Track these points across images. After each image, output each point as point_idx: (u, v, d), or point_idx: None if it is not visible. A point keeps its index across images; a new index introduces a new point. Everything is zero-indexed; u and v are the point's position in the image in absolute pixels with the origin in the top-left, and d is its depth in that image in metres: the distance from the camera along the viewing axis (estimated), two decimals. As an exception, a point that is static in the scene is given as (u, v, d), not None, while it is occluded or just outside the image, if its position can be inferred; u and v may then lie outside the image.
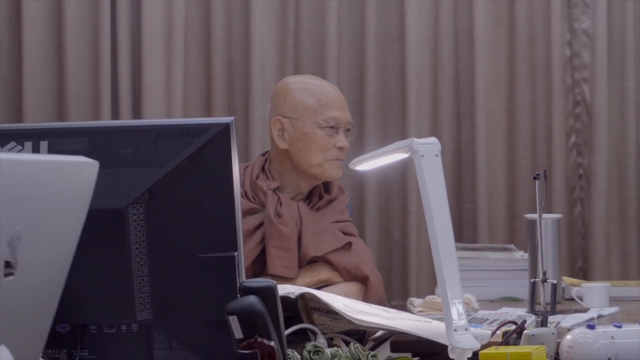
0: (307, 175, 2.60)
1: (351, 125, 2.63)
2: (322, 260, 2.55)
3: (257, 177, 2.61)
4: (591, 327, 1.73)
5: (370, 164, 2.21)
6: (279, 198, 2.56)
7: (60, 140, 1.48)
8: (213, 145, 1.49)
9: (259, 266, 2.54)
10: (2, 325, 1.04)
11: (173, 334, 1.53)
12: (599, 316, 2.13)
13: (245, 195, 2.56)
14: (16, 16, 3.37)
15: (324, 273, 2.53)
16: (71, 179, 1.21)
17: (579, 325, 1.84)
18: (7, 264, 1.02)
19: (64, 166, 1.21)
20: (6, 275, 1.01)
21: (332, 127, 2.54)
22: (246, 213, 2.52)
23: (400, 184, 3.27)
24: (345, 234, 2.61)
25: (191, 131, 1.50)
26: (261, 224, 2.54)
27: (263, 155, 2.70)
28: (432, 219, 1.74)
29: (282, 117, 2.55)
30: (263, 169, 2.64)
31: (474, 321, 2.03)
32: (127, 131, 1.58)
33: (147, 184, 1.47)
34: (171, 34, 3.37)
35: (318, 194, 2.65)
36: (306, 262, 2.55)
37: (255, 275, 2.50)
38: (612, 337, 1.70)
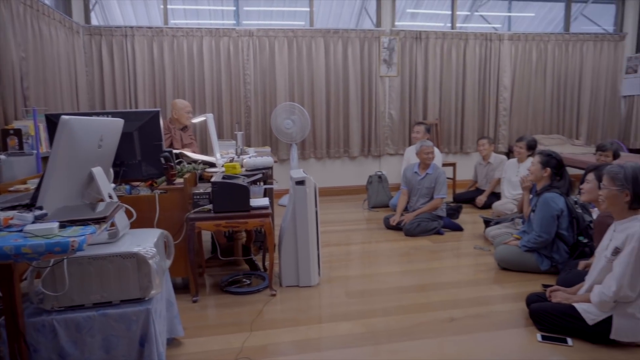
0: (182, 123, 3.03)
1: (191, 113, 3.01)
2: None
3: (170, 123, 2.93)
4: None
5: (198, 120, 2.68)
6: (175, 128, 2.98)
7: (116, 115, 1.65)
8: (155, 117, 1.77)
9: (168, 146, 2.89)
10: (101, 163, 1.31)
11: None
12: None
13: (166, 127, 2.94)
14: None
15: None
16: (117, 125, 1.48)
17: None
18: (99, 145, 1.14)
19: (114, 122, 1.47)
20: (98, 147, 1.26)
21: (188, 112, 3.04)
22: (167, 132, 2.99)
23: (205, 127, 3.54)
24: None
25: (150, 112, 1.75)
26: (170, 136, 2.98)
27: (168, 118, 3.09)
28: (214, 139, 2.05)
29: (176, 110, 3.02)
30: (170, 122, 2.94)
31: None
32: (132, 113, 1.79)
33: (138, 124, 1.74)
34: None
35: (184, 128, 3.04)
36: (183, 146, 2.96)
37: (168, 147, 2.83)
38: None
